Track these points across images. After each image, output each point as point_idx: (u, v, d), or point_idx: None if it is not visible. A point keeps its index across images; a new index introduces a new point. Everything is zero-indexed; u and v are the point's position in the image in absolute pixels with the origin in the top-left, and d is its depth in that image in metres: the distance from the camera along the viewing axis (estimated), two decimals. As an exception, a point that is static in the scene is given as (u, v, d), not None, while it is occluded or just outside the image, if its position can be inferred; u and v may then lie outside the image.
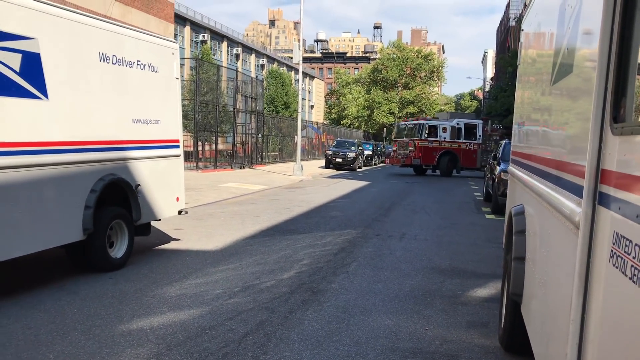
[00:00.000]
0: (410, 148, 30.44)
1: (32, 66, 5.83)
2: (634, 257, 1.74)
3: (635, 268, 1.72)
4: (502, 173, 13.53)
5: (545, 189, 3.44)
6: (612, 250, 1.99)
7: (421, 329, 5.38)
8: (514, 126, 6.36)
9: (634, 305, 1.74)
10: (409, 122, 32.61)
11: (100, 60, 6.96)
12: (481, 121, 33.82)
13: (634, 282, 1.73)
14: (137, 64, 7.70)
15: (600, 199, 2.20)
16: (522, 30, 6.27)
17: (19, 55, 5.66)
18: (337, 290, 6.58)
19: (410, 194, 19.50)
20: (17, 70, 5.63)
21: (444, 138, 30.58)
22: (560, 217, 2.83)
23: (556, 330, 2.75)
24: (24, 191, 5.86)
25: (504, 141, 16.76)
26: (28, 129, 5.85)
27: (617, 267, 1.91)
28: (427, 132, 30.34)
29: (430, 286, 6.97)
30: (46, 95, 6.03)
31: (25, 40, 5.74)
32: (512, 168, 6.07)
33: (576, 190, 2.49)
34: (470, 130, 31.33)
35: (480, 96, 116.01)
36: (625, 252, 1.84)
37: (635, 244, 1.74)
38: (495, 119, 47.17)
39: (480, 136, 31.45)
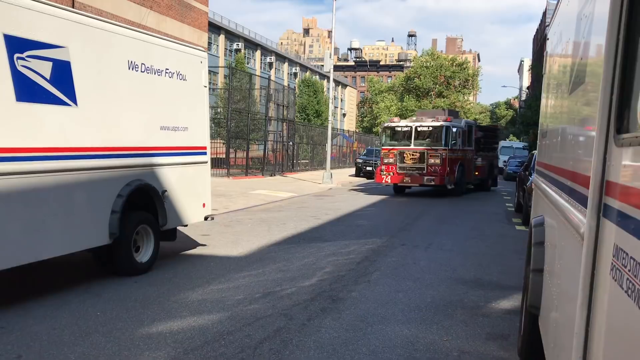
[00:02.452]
0: (432, 161, 21.28)
1: (62, 74, 6.01)
2: (629, 270, 1.72)
3: (630, 281, 1.69)
4: (532, 184, 13.33)
5: (560, 199, 3.39)
6: (612, 263, 1.96)
7: (439, 339, 5.33)
8: (539, 136, 6.29)
9: (630, 319, 1.71)
10: (416, 123, 22.13)
11: (129, 68, 7.12)
12: (475, 122, 28.06)
13: (628, 295, 1.70)
14: (166, 72, 7.85)
15: (604, 211, 2.17)
16: (547, 39, 6.20)
17: (50, 63, 5.85)
18: (357, 299, 6.57)
19: (440, 204, 19.32)
20: (48, 77, 5.82)
21: (459, 146, 22.52)
22: (570, 228, 2.80)
23: (565, 344, 2.70)
24: (53, 195, 6.02)
25: (535, 152, 16.49)
26: (58, 135, 6.02)
27: (615, 280, 1.88)
28: (453, 138, 21.82)
29: (452, 297, 6.90)
30: (75, 102, 6.20)
31: (56, 49, 5.93)
32: (535, 178, 5.99)
33: (584, 202, 2.45)
34: (469, 134, 23.93)
35: (516, 105, 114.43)
36: (622, 264, 1.81)
37: (631, 257, 1.71)
38: (531, 128, 46.49)
39: (474, 141, 24.44)
